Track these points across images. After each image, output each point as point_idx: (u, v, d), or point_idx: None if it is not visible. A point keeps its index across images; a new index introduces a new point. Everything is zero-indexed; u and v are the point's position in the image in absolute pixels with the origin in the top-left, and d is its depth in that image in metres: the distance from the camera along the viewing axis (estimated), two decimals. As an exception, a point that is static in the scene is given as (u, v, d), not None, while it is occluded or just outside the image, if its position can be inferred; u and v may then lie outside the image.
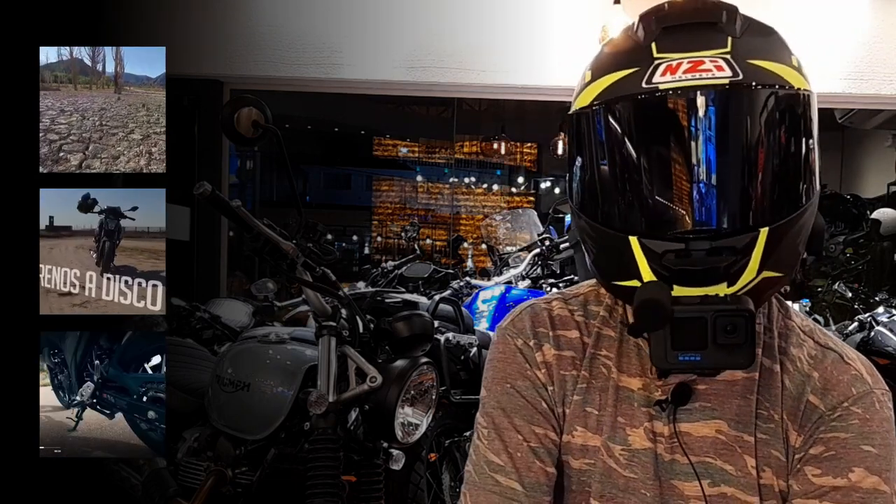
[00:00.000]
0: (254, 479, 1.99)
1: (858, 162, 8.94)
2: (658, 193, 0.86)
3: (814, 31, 4.24)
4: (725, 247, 0.83)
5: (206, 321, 3.49)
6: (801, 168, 0.86)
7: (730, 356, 0.83)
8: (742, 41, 0.85)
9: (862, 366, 0.94)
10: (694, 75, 0.83)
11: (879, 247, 6.30)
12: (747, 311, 0.82)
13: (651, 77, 0.84)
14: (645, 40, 0.87)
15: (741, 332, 0.82)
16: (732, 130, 0.84)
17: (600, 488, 0.96)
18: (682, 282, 0.84)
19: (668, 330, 0.83)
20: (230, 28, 4.38)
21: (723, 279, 0.84)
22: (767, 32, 0.90)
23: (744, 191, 0.85)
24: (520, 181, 12.03)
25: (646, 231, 0.86)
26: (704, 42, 0.85)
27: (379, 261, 9.36)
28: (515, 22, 4.36)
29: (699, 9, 0.89)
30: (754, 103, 0.84)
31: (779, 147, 0.85)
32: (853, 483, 0.88)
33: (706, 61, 0.84)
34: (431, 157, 11.91)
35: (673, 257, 0.84)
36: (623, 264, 0.87)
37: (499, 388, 1.00)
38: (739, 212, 0.85)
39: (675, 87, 0.83)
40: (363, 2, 4.39)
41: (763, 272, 0.85)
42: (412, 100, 9.86)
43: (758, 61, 0.84)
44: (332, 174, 13.49)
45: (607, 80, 0.88)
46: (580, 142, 0.91)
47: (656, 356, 0.85)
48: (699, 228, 0.84)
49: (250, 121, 1.73)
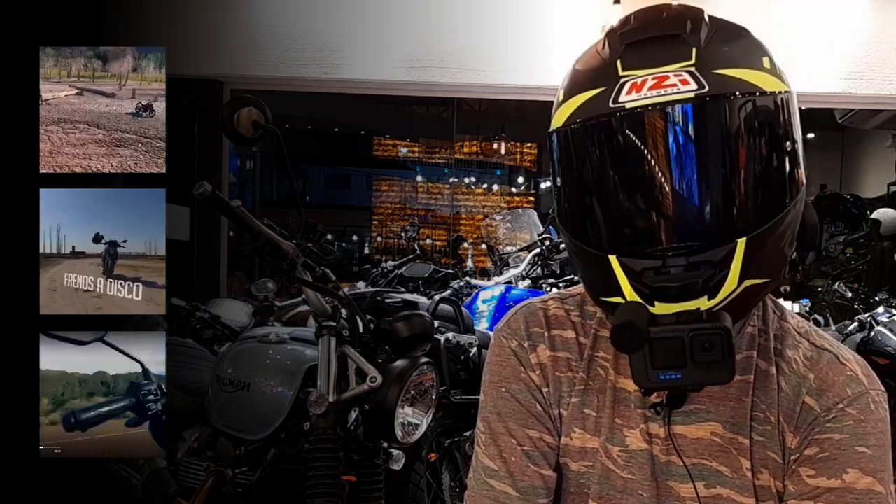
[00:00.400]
0: (254, 479, 1.99)
1: (858, 162, 8.94)
2: (631, 212, 0.86)
3: (814, 31, 4.24)
4: (703, 261, 0.83)
5: (206, 321, 3.49)
6: (778, 172, 0.86)
7: (709, 373, 0.82)
8: (707, 51, 0.84)
9: (857, 366, 0.94)
10: (659, 91, 0.83)
11: (879, 247, 6.30)
12: (723, 328, 0.81)
13: (617, 96, 0.84)
14: (611, 58, 0.87)
15: (718, 349, 0.81)
16: (701, 144, 0.84)
17: (599, 490, 0.97)
18: (662, 298, 0.84)
19: (647, 350, 0.83)
20: (230, 28, 4.38)
21: (703, 293, 0.84)
22: (735, 36, 0.88)
23: (715, 204, 0.84)
24: (520, 181, 12.03)
25: (623, 250, 0.86)
26: (668, 56, 0.84)
27: (379, 261, 9.36)
28: (515, 22, 4.36)
29: (662, 21, 0.87)
30: (722, 114, 0.83)
31: (752, 155, 0.84)
32: (847, 484, 0.88)
33: (671, 76, 0.83)
34: (431, 157, 11.91)
35: (652, 274, 0.84)
36: (606, 281, 0.87)
37: (494, 392, 1.01)
38: (713, 225, 0.84)
39: (640, 104, 0.83)
40: (363, 2, 4.40)
41: (745, 281, 0.84)
42: (412, 100, 9.86)
43: (724, 70, 0.83)
44: (332, 174, 13.49)
45: (577, 100, 0.88)
46: (557, 161, 0.91)
47: (638, 376, 0.85)
48: (675, 245, 0.84)
49: (250, 121, 1.73)
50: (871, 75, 4.34)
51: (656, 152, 0.84)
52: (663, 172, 0.84)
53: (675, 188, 0.84)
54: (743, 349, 0.95)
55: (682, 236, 0.84)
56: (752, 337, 0.95)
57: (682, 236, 0.84)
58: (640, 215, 0.85)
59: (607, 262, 0.86)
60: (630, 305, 0.85)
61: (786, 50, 4.15)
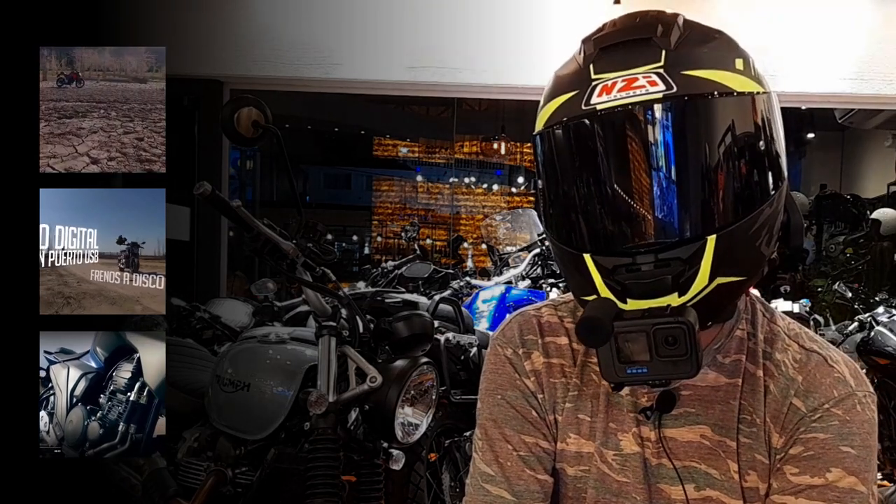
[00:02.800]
0: (254, 479, 1.99)
1: (858, 162, 8.94)
2: (603, 211, 0.87)
3: (814, 31, 4.24)
4: (672, 258, 0.84)
5: (206, 321, 3.49)
6: (749, 171, 0.86)
7: (675, 367, 0.83)
8: (676, 53, 0.85)
9: (846, 368, 0.95)
10: (628, 93, 0.84)
11: (879, 247, 6.30)
12: (685, 322, 0.82)
13: (589, 99, 0.86)
14: (584, 62, 0.89)
15: (682, 343, 0.82)
16: (668, 143, 0.85)
17: (595, 494, 0.98)
18: (633, 295, 0.86)
19: (613, 345, 0.84)
20: (230, 28, 4.38)
21: (672, 290, 0.84)
22: (707, 39, 0.89)
23: (683, 201, 0.85)
24: (520, 181, 12.02)
25: (596, 248, 0.88)
26: (638, 58, 0.86)
27: (379, 261, 9.36)
28: (515, 22, 4.36)
29: (634, 26, 0.89)
30: (689, 114, 0.84)
31: (718, 154, 0.85)
32: (830, 482, 0.89)
33: (640, 77, 0.84)
34: (431, 157, 11.89)
35: (623, 271, 0.86)
36: (583, 280, 0.89)
37: (490, 399, 1.03)
38: (682, 222, 0.85)
39: (609, 106, 0.84)
40: (363, 2, 4.40)
41: (717, 279, 0.85)
42: (412, 100, 9.85)
43: (693, 71, 0.84)
44: (332, 174, 13.48)
45: (554, 104, 0.90)
46: (537, 163, 0.94)
47: (605, 371, 0.86)
48: (644, 242, 0.85)
49: (250, 121, 1.73)
50: (872, 75, 4.34)
51: (626, 152, 0.85)
52: (632, 171, 0.85)
53: (644, 186, 0.85)
54: (732, 353, 0.96)
55: (651, 234, 0.85)
56: (741, 340, 0.96)
57: (651, 234, 0.85)
58: (610, 213, 0.87)
59: (583, 261, 0.88)
60: (597, 301, 0.87)
61: (786, 50, 4.14)
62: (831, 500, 0.89)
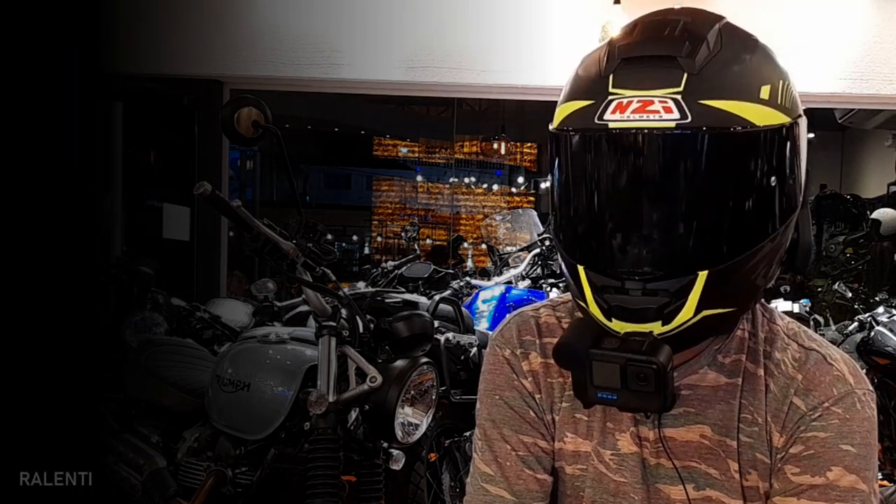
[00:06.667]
0: (254, 479, 1.99)
1: (858, 162, 8.94)
2: (598, 230, 0.87)
3: (814, 31, 4.24)
4: (660, 289, 0.84)
5: (206, 321, 3.49)
6: (752, 211, 0.84)
7: (643, 401, 0.84)
8: (699, 78, 0.82)
9: (845, 366, 0.95)
10: (641, 116, 0.82)
11: (879, 247, 6.30)
12: (656, 363, 0.82)
13: (603, 113, 0.83)
14: (605, 70, 0.86)
15: (651, 382, 0.82)
16: (670, 175, 0.83)
17: (592, 493, 0.98)
18: (618, 316, 0.85)
19: (588, 368, 0.85)
20: (230, 28, 4.38)
21: (657, 319, 0.84)
22: (738, 59, 0.85)
23: (677, 236, 0.84)
24: (520, 181, 12.03)
25: (589, 263, 0.87)
26: (658, 80, 0.82)
27: (379, 261, 9.35)
28: (515, 22, 4.36)
29: (661, 40, 0.85)
30: (698, 148, 0.82)
31: (722, 192, 0.83)
32: (831, 481, 0.89)
33: (655, 101, 0.81)
34: (431, 157, 11.90)
35: (612, 292, 0.85)
36: (576, 286, 0.89)
37: (489, 400, 1.03)
38: (673, 257, 0.84)
39: (620, 126, 0.82)
40: (363, 2, 4.40)
41: (704, 311, 0.84)
42: (412, 100, 9.85)
43: (712, 101, 0.81)
44: (332, 174, 13.48)
45: (570, 107, 0.88)
46: (550, 159, 0.93)
47: (577, 388, 0.88)
48: (633, 269, 0.85)
49: (250, 121, 1.73)
50: (871, 75, 4.34)
51: (628, 176, 0.84)
52: (632, 197, 0.84)
53: (641, 215, 0.84)
54: (732, 353, 0.96)
55: (641, 262, 0.85)
56: (742, 340, 0.96)
57: (642, 262, 0.85)
58: (605, 234, 0.87)
59: (576, 271, 0.88)
60: (577, 324, 0.89)
61: (786, 50, 4.13)
62: (833, 500, 0.89)
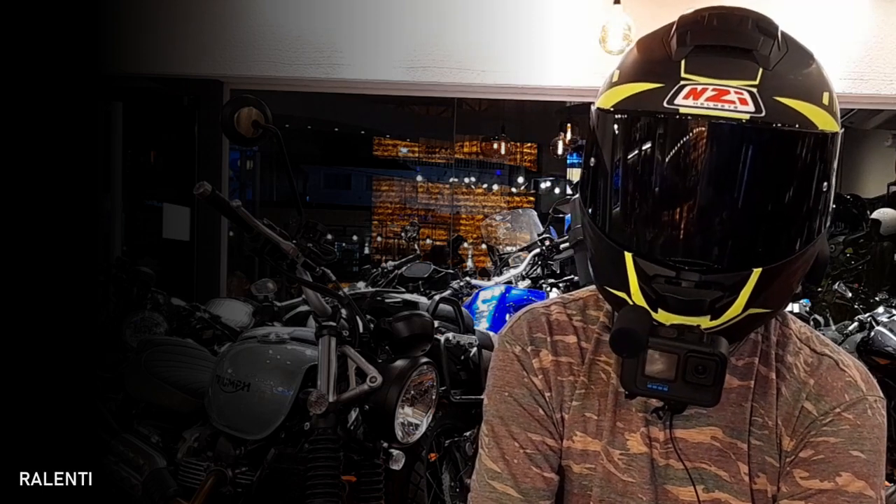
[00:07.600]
0: (254, 479, 1.99)
1: (858, 162, 8.93)
2: (657, 216, 0.85)
3: (814, 31, 4.23)
4: (715, 281, 0.83)
5: (206, 321, 3.49)
6: (807, 212, 0.85)
7: (696, 393, 0.83)
8: (773, 74, 0.82)
9: (857, 372, 0.94)
10: (716, 104, 0.81)
11: (879, 247, 6.29)
12: (719, 355, 0.82)
13: (674, 98, 0.82)
14: (676, 55, 0.84)
15: (710, 374, 0.82)
16: (741, 168, 0.83)
17: (600, 493, 0.97)
18: (666, 307, 0.85)
19: (641, 357, 0.84)
20: (230, 28, 4.38)
21: (707, 312, 0.84)
22: (803, 63, 0.86)
23: (741, 230, 0.84)
24: (520, 181, 12.02)
25: (640, 250, 0.85)
26: (734, 70, 0.82)
27: (379, 261, 9.35)
28: (515, 22, 4.36)
29: (737, 32, 0.85)
30: (770, 144, 0.82)
31: (787, 190, 0.83)
32: (839, 486, 0.89)
33: (731, 91, 0.81)
34: (431, 157, 11.90)
35: (662, 282, 0.84)
36: (615, 274, 0.87)
37: (497, 396, 1.02)
38: (733, 250, 0.84)
39: (694, 113, 0.81)
40: (363, 2, 4.40)
41: (749, 309, 0.85)
42: (412, 100, 9.84)
43: (785, 99, 0.81)
44: (332, 174, 13.47)
45: (632, 88, 0.86)
46: (596, 140, 0.89)
47: (627, 378, 0.86)
48: (692, 260, 0.84)
49: (250, 121, 1.73)
50: (871, 75, 4.34)
51: (698, 164, 0.83)
52: (700, 186, 0.83)
53: (706, 204, 0.83)
54: (745, 355, 0.95)
55: (701, 253, 0.84)
56: (755, 343, 0.96)
57: (702, 253, 0.84)
58: (665, 221, 0.85)
59: (621, 258, 0.86)
60: (633, 311, 0.85)
61: (786, 50, 4.13)
62: None
